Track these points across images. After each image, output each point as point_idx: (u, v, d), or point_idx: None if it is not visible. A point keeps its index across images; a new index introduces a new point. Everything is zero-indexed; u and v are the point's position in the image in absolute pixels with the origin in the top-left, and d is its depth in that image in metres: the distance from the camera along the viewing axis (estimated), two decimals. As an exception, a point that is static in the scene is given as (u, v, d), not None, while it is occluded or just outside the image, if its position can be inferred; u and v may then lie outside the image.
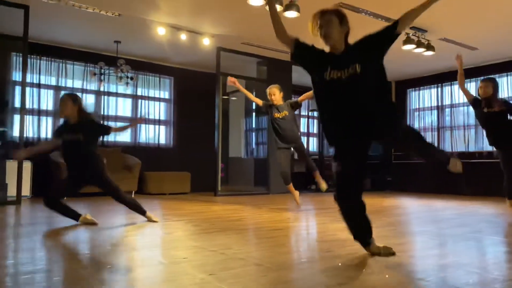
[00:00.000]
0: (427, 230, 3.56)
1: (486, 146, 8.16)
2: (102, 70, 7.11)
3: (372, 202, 5.98)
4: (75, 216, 3.57)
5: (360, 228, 2.27)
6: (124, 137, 7.91)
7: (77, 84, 7.41)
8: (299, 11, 4.94)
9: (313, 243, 3.09)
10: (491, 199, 7.23)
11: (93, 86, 7.55)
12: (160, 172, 7.62)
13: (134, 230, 3.49)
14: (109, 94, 7.71)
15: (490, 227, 3.77)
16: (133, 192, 7.10)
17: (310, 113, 10.93)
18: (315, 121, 10.82)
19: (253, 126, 9.37)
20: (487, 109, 4.35)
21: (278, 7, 4.76)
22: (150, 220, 3.73)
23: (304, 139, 10.70)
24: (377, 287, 1.68)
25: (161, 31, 6.20)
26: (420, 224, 4.16)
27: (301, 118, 10.73)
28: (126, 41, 6.98)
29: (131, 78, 7.22)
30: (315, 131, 10.85)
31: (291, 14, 4.98)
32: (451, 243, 2.86)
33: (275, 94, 4.95)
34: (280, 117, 4.92)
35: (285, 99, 8.12)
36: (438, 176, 8.79)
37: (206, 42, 6.66)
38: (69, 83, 7.32)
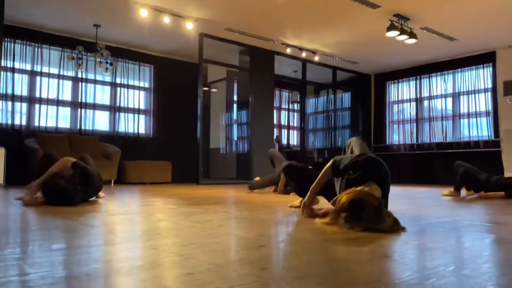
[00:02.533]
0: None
1: (463, 136, 8.37)
2: (81, 55, 6.87)
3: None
4: None
5: None
6: (102, 125, 7.68)
7: (54, 70, 7.13)
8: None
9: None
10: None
11: (70, 72, 7.29)
12: (140, 161, 7.42)
13: (114, 208, 3.35)
14: (87, 81, 7.46)
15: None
16: (112, 181, 6.88)
17: (291, 106, 10.93)
18: (296, 114, 10.83)
19: (235, 118, 9.27)
20: None
21: None
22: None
23: (284, 132, 10.70)
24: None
25: (143, 13, 6.04)
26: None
27: (282, 111, 10.72)
28: (106, 25, 6.77)
29: (111, 64, 7.01)
30: (296, 124, 10.85)
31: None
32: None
33: None
34: None
35: (267, 91, 8.16)
36: (415, 167, 8.94)
37: (189, 26, 6.54)
38: (45, 69, 7.04)
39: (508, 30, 6.88)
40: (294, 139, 10.92)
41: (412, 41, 6.67)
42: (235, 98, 9.37)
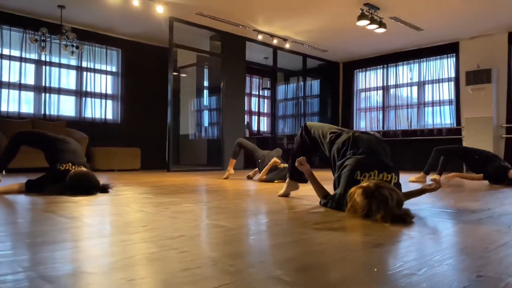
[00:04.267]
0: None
1: (427, 124, 8.67)
2: (44, 37, 6.57)
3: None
4: None
5: None
6: (68, 110, 7.42)
7: (15, 52, 6.79)
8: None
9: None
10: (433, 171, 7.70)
11: (33, 55, 6.97)
12: (109, 148, 7.24)
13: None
14: (51, 64, 7.16)
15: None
16: (80, 168, 6.69)
17: (261, 92, 10.95)
18: (266, 100, 10.86)
19: (206, 104, 9.20)
20: None
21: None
22: None
23: (254, 119, 10.72)
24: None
25: (112, -5, 5.84)
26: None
27: (252, 98, 10.73)
28: (71, 6, 6.49)
29: (77, 47, 6.75)
30: (266, 110, 10.89)
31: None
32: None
33: None
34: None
35: (238, 77, 8.12)
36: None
37: (159, 10, 6.37)
38: (6, 51, 6.70)
39: (471, 22, 7.14)
40: (264, 125, 10.97)
41: (382, 30, 6.80)
42: (205, 83, 9.28)
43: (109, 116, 7.92)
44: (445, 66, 8.44)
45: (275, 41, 8.18)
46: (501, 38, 7.64)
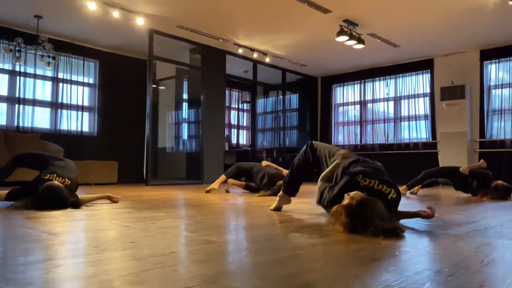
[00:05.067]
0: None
1: (404, 138, 8.85)
2: (19, 47, 6.39)
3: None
4: None
5: None
6: (43, 122, 7.21)
7: (-12, 62, 6.58)
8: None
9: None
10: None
11: (7, 65, 6.77)
12: (85, 161, 7.03)
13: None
14: (25, 75, 6.96)
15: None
16: (55, 182, 6.48)
17: (241, 106, 10.95)
18: (246, 114, 10.87)
19: (185, 117, 9.12)
20: None
21: None
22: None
23: (234, 132, 10.70)
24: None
25: (91, 6, 5.74)
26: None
27: (232, 111, 10.72)
28: (48, 16, 6.35)
29: (53, 58, 6.59)
30: (246, 124, 10.89)
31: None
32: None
33: None
34: None
35: (218, 90, 8.11)
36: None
37: (139, 22, 6.31)
38: (-22, 60, 6.49)
39: (444, 40, 7.38)
40: (243, 138, 10.95)
41: (360, 46, 6.93)
42: (185, 96, 9.21)
43: (86, 128, 7.74)
44: (420, 82, 8.66)
45: (255, 55, 8.22)
46: (473, 56, 7.91)
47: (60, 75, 7.37)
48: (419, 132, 8.61)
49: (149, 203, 3.73)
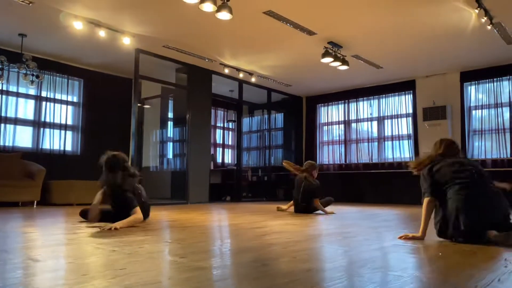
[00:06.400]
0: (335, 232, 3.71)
1: (387, 158, 8.96)
2: (2, 65, 6.30)
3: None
4: None
5: None
6: (25, 141, 7.07)
7: (-31, 79, 6.45)
8: (232, 12, 4.94)
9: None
10: (393, 204, 7.91)
11: (-12, 83, 6.65)
12: (67, 181, 6.91)
13: (35, 233, 3.09)
14: (8, 93, 6.85)
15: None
16: (35, 202, 6.34)
17: (226, 125, 10.96)
18: (231, 133, 10.88)
19: (170, 136, 9.07)
20: None
21: (212, 7, 4.71)
22: None
23: (219, 151, 10.67)
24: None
25: (78, 26, 5.72)
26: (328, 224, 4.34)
27: (217, 130, 10.72)
28: (33, 35, 6.31)
29: (37, 76, 6.51)
30: (231, 143, 10.88)
31: (223, 16, 4.95)
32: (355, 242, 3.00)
33: None
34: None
35: (204, 109, 8.12)
36: (344, 186, 9.38)
37: (126, 41, 6.31)
38: (-41, 78, 6.35)
39: (425, 62, 7.58)
40: (229, 157, 10.92)
41: (344, 67, 7.05)
42: (170, 115, 9.19)
43: (69, 147, 7.62)
44: (403, 103, 8.83)
45: (241, 75, 8.28)
46: (454, 77, 8.13)
47: (44, 94, 7.28)
48: (402, 152, 8.74)
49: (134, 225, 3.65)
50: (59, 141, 7.42)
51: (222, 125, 10.71)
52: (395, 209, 6.52)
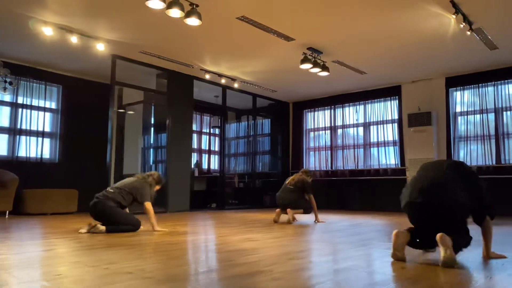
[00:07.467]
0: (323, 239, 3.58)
1: (373, 164, 8.82)
2: (-26, 72, 6.19)
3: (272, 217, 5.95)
4: None
5: None
6: (0, 149, 6.95)
7: None
8: (201, 18, 4.82)
9: (213, 254, 2.89)
10: (377, 211, 7.75)
11: (-39, 90, 6.53)
12: (42, 190, 6.77)
13: (8, 248, 2.95)
14: (-19, 100, 6.73)
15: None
16: (7, 212, 6.20)
17: (212, 130, 10.84)
18: (217, 139, 10.74)
19: (151, 143, 8.93)
20: None
21: (179, 13, 4.59)
22: None
23: (205, 157, 10.54)
24: None
25: (47, 32, 5.60)
26: (317, 233, 4.20)
27: (203, 136, 10.59)
28: (6, 41, 6.19)
29: (10, 83, 6.40)
30: (218, 149, 10.74)
31: (192, 21, 4.82)
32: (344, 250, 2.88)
33: None
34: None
35: (185, 116, 7.99)
36: (329, 192, 9.23)
37: (100, 47, 6.19)
38: None
39: (411, 67, 7.44)
40: (215, 164, 10.79)
41: (325, 73, 6.91)
42: (152, 121, 9.05)
43: (46, 155, 7.48)
44: (388, 108, 8.69)
45: (223, 81, 8.15)
46: (439, 83, 7.99)
47: (20, 100, 7.15)
48: (388, 158, 8.60)
49: (112, 238, 3.50)
50: (36, 149, 7.29)
51: (208, 131, 10.58)
52: (381, 218, 6.36)
